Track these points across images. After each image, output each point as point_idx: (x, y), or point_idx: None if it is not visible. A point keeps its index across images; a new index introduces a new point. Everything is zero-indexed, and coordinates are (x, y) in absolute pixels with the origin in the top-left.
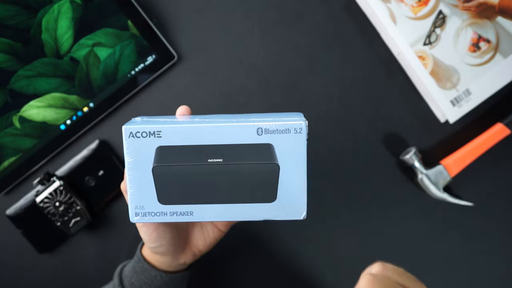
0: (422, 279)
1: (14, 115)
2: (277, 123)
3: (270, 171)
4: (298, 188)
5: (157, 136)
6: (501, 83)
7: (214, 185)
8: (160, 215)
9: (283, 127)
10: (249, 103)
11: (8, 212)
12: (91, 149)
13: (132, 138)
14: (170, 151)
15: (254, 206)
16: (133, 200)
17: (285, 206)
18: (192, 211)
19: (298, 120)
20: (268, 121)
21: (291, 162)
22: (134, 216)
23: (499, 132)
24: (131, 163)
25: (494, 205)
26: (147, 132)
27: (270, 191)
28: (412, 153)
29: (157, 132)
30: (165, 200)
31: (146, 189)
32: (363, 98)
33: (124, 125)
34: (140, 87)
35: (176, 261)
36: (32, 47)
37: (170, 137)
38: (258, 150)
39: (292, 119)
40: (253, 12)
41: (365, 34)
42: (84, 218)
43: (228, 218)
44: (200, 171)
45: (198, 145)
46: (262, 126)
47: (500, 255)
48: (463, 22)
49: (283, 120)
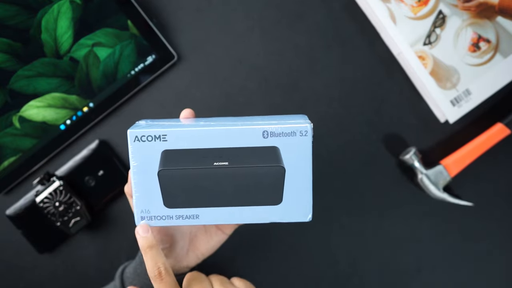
0: (422, 279)
1: (14, 115)
2: (283, 126)
3: (276, 174)
4: (304, 190)
5: (163, 140)
6: (501, 83)
7: (220, 188)
8: (166, 219)
9: (288, 130)
10: (249, 103)
11: (8, 212)
12: (91, 149)
13: (137, 142)
14: (175, 154)
15: (260, 209)
16: (138, 204)
17: (291, 208)
18: (198, 215)
19: (303, 122)
20: (273, 124)
21: (297, 164)
22: (140, 220)
23: (499, 132)
24: (136, 167)
25: (494, 205)
26: (152, 136)
27: (276, 193)
28: (412, 153)
29: (162, 135)
30: (171, 203)
31: (152, 193)
32: (363, 98)
33: (129, 129)
34: (140, 87)
35: (179, 264)
36: (32, 47)
37: (176, 140)
38: (263, 153)
39: (297, 122)
40: (253, 12)
41: (365, 34)
42: (84, 218)
43: (234, 221)
44: (206, 175)
45: (203, 149)
46: (268, 129)
47: (500, 255)
48: (463, 22)
49: (288, 122)
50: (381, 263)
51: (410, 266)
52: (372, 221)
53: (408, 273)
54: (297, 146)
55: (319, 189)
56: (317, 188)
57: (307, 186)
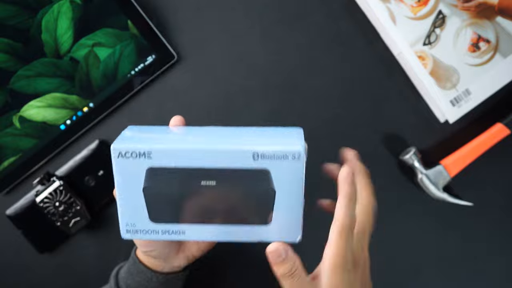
0: (422, 279)
1: (14, 115)
2: (274, 148)
3: (266, 196)
4: (294, 212)
5: (148, 157)
6: (501, 83)
7: (207, 206)
8: (151, 233)
9: (280, 153)
10: (249, 103)
11: (8, 212)
12: (91, 149)
13: (121, 158)
14: (161, 172)
15: (248, 228)
16: (124, 218)
17: (280, 229)
18: (184, 231)
19: (296, 144)
20: (264, 145)
21: (288, 186)
22: (125, 233)
23: (498, 132)
24: (120, 183)
25: (494, 205)
26: (137, 152)
27: (264, 214)
28: (412, 153)
29: (147, 152)
30: (156, 219)
31: (137, 208)
32: (363, 98)
33: (113, 144)
34: (140, 87)
35: (170, 264)
36: (32, 47)
37: (161, 158)
38: (253, 175)
39: (290, 142)
40: (253, 11)
41: (365, 34)
42: (84, 218)
43: (221, 238)
44: (192, 193)
45: (190, 168)
46: (258, 150)
47: (500, 255)
48: (462, 22)
49: (281, 143)
50: (381, 263)
51: (410, 266)
52: None
53: (408, 273)
54: (289, 169)
55: (319, 188)
56: (317, 188)
57: (298, 208)
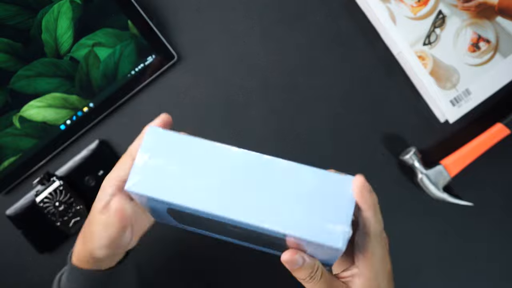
0: (422, 279)
1: (14, 115)
2: (309, 237)
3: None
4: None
5: (167, 204)
6: (501, 83)
7: (230, 234)
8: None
9: (316, 243)
10: (249, 103)
11: (8, 212)
12: (91, 149)
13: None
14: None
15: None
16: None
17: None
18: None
19: (338, 235)
20: (298, 229)
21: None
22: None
23: (498, 132)
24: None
25: (494, 205)
26: (153, 198)
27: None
28: (412, 153)
29: (166, 203)
30: (180, 223)
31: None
32: (363, 98)
33: (128, 182)
34: (140, 87)
35: (119, 250)
36: (32, 47)
37: (181, 209)
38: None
39: (330, 230)
40: (253, 11)
41: (365, 34)
42: (84, 218)
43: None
44: (217, 226)
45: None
46: (292, 235)
47: (500, 255)
48: (462, 22)
49: (318, 228)
50: None
51: (410, 266)
52: None
53: (408, 273)
54: (324, 250)
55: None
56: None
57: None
